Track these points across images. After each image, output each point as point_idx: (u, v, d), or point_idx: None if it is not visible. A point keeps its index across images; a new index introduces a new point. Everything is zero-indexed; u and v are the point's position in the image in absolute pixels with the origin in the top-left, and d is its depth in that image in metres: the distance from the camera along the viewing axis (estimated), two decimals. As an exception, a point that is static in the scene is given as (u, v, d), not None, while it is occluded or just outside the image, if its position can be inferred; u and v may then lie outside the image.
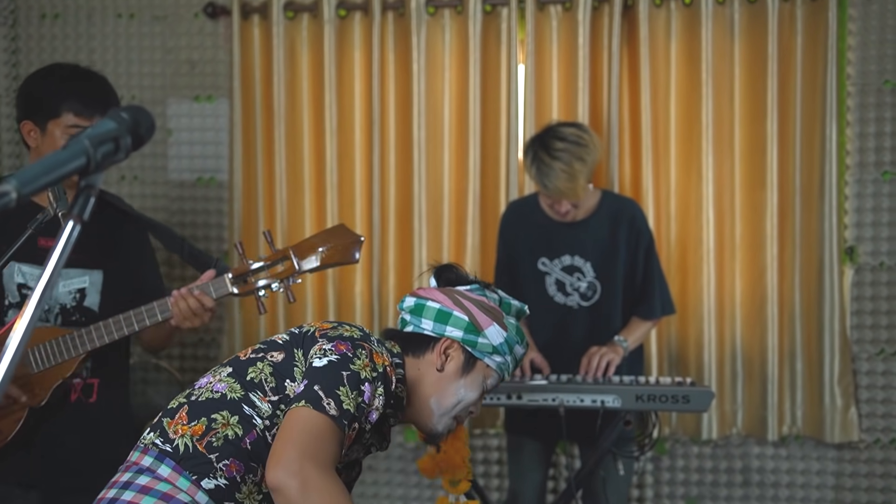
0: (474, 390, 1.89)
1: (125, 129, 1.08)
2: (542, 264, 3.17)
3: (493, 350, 1.88)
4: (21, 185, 0.90)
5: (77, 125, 2.48)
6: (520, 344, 1.93)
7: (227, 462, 1.69)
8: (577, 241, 3.13)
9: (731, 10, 3.73)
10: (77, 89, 2.54)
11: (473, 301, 1.90)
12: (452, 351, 1.88)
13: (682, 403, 2.76)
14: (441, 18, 3.90)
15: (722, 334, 3.78)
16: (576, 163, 2.92)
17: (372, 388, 1.72)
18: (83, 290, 2.61)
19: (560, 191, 2.95)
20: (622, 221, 3.14)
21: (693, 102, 3.76)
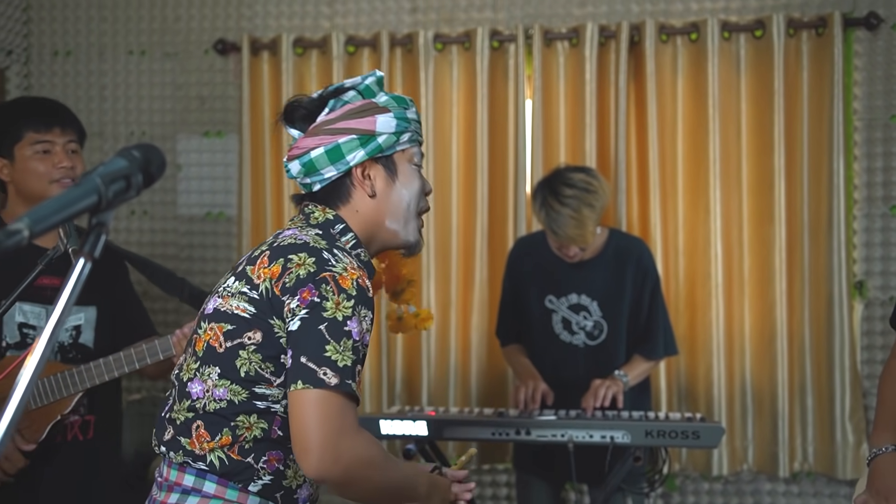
0: (413, 180, 1.85)
1: (136, 166, 1.09)
2: (548, 302, 3.16)
3: (394, 134, 1.80)
4: (33, 223, 0.90)
5: (40, 140, 2.53)
6: (406, 107, 1.84)
7: (265, 458, 1.67)
8: (583, 279, 3.12)
9: (737, 46, 3.75)
10: (29, 109, 2.65)
11: (342, 116, 1.78)
12: (369, 170, 1.80)
13: (693, 439, 2.73)
14: (449, 54, 3.93)
15: (731, 369, 3.76)
16: (584, 209, 2.93)
17: (357, 320, 1.62)
18: (79, 326, 2.61)
19: (569, 237, 2.96)
20: (629, 261, 3.13)
21: (700, 137, 3.77)
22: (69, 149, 2.58)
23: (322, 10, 4.05)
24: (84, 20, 4.23)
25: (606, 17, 3.87)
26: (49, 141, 2.54)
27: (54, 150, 2.54)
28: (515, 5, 3.94)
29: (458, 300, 3.90)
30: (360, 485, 1.64)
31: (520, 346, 3.25)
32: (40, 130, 2.54)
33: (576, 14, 3.90)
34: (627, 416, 2.86)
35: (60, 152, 2.55)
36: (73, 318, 2.60)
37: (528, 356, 3.20)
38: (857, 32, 3.71)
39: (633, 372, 3.09)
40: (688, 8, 3.84)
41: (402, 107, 1.83)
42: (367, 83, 1.83)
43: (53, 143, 2.54)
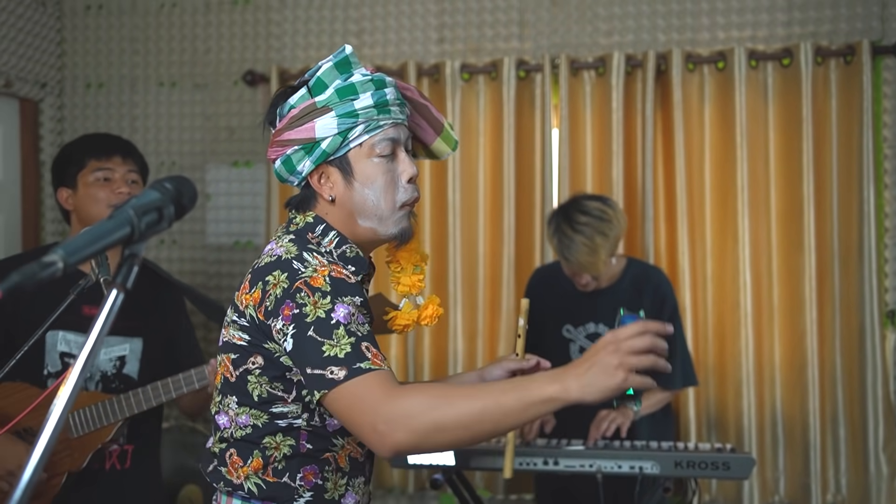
0: (375, 176, 1.72)
1: (169, 198, 1.10)
2: (566, 331, 3.15)
3: (339, 135, 1.69)
4: (67, 255, 0.92)
5: (101, 168, 2.62)
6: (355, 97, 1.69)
7: (300, 475, 1.68)
8: (601, 308, 3.11)
9: (765, 74, 3.75)
10: (93, 140, 2.76)
11: (286, 126, 1.72)
12: (322, 176, 1.73)
13: (723, 470, 2.70)
14: (476, 84, 3.95)
15: (762, 399, 3.72)
16: (598, 237, 2.91)
17: (340, 306, 1.57)
18: (123, 357, 2.65)
19: (580, 264, 2.94)
20: (646, 289, 3.11)
21: (728, 166, 3.76)
22: (129, 178, 2.67)
23: (350, 40, 4.09)
24: (116, 53, 4.31)
25: (633, 47, 3.88)
26: (109, 168, 2.63)
27: (114, 178, 2.63)
28: (542, 35, 3.97)
29: (484, 329, 3.90)
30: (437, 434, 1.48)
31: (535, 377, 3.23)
32: (101, 158, 2.63)
33: (602, 43, 3.92)
34: (657, 446, 2.83)
35: (120, 180, 2.63)
36: (118, 348, 2.63)
37: None
38: (885, 60, 3.69)
39: (646, 402, 3.06)
40: (714, 37, 3.84)
41: (349, 98, 1.69)
42: (318, 76, 1.71)
43: (113, 171, 2.63)
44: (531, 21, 3.98)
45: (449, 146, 1.90)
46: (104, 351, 2.61)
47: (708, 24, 3.84)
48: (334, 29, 4.11)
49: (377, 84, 1.71)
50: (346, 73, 1.71)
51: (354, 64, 1.73)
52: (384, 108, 1.71)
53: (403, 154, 1.75)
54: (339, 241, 1.74)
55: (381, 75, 1.74)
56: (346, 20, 4.11)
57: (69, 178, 2.65)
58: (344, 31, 4.10)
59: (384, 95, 1.71)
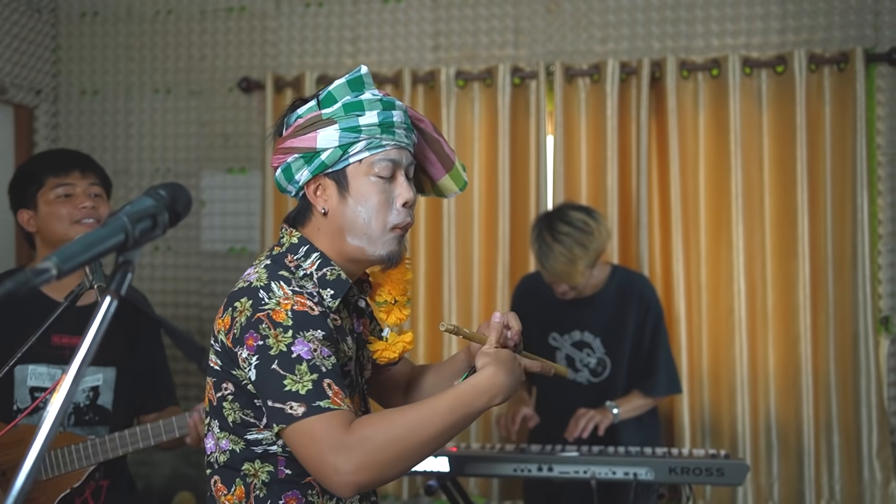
0: (370, 194, 1.69)
1: (163, 205, 1.11)
2: (552, 339, 3.16)
3: (340, 148, 1.68)
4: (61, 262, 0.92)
5: (61, 184, 2.53)
6: (360, 113, 1.68)
7: (282, 501, 1.67)
8: (586, 316, 3.12)
9: (759, 81, 3.76)
10: (49, 157, 2.67)
11: (291, 133, 1.73)
12: (319, 188, 1.72)
13: (717, 476, 2.70)
14: (470, 91, 3.96)
15: (756, 406, 3.72)
16: (576, 248, 2.92)
17: (302, 342, 1.57)
18: (97, 388, 2.54)
19: (556, 273, 2.95)
20: (632, 296, 3.12)
21: (722, 172, 3.77)
22: (91, 192, 2.57)
23: (345, 47, 4.10)
24: (111, 60, 4.31)
25: (627, 54, 3.89)
26: (69, 184, 2.53)
27: (75, 193, 2.53)
28: (537, 42, 3.98)
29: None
30: (393, 463, 1.52)
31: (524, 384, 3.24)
32: (59, 174, 2.54)
33: (597, 50, 3.93)
34: (651, 452, 2.83)
35: (81, 194, 2.54)
36: (91, 378, 2.53)
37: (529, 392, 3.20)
38: (879, 68, 3.71)
39: (626, 406, 3.07)
40: (709, 44, 3.85)
41: (355, 113, 1.69)
42: (329, 90, 1.72)
43: (74, 186, 2.54)
44: (526, 28, 3.99)
45: (457, 186, 1.87)
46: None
47: (702, 32, 3.86)
48: (329, 36, 4.12)
49: (385, 105, 1.70)
50: (358, 91, 1.71)
51: (368, 84, 1.72)
52: (389, 129, 1.70)
53: (403, 178, 1.73)
54: (321, 263, 1.72)
55: (392, 99, 1.73)
56: (341, 27, 4.11)
57: (29, 198, 2.55)
58: (339, 38, 4.11)
59: (390, 117, 1.70)
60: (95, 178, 2.60)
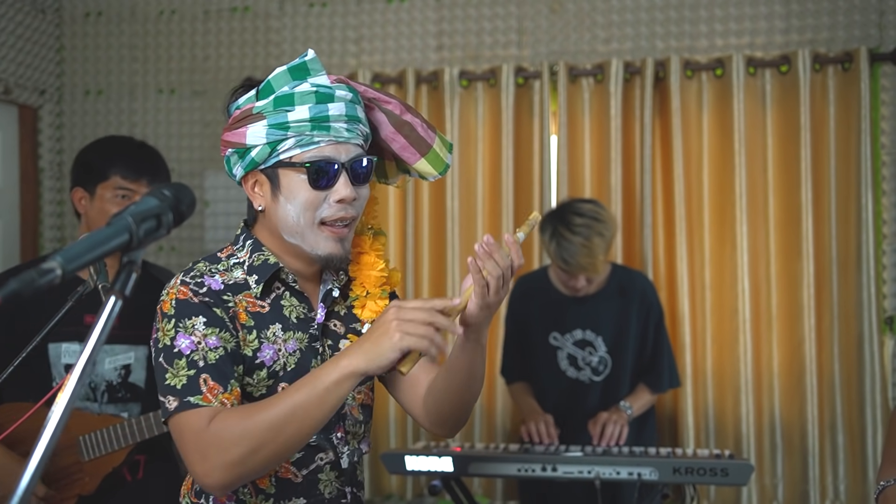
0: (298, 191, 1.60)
1: (167, 205, 1.10)
2: (553, 339, 3.15)
3: (268, 145, 1.59)
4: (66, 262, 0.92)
5: (124, 187, 2.52)
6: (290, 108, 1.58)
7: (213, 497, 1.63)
8: (588, 315, 3.12)
9: (763, 81, 3.76)
10: (125, 154, 2.59)
11: (229, 126, 1.65)
12: (256, 184, 1.65)
13: (721, 476, 2.70)
14: (474, 91, 3.96)
15: (760, 406, 3.72)
16: (595, 238, 2.92)
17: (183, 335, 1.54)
18: (128, 366, 2.58)
19: (580, 266, 2.94)
20: (634, 295, 3.12)
21: (726, 172, 3.76)
22: None
23: (349, 47, 4.10)
24: (115, 60, 4.31)
25: (631, 54, 3.89)
26: (133, 190, 2.52)
27: (134, 199, 2.49)
28: (540, 42, 3.97)
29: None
30: (249, 458, 1.44)
31: (525, 385, 3.24)
32: (128, 178, 2.52)
33: (600, 50, 3.92)
34: (655, 452, 2.83)
35: None
36: (123, 357, 2.56)
37: (534, 393, 3.19)
38: (883, 67, 3.70)
39: (638, 403, 3.08)
40: (713, 44, 3.85)
41: (284, 108, 1.58)
42: (269, 79, 1.61)
43: (135, 193, 2.52)
44: (530, 28, 3.99)
45: (435, 169, 1.75)
46: (109, 360, 2.55)
47: (706, 32, 3.85)
48: (333, 36, 4.12)
49: (320, 97, 1.58)
50: (299, 80, 1.60)
51: (313, 71, 1.61)
52: (321, 125, 1.58)
53: (343, 177, 1.60)
54: (252, 249, 1.68)
55: (332, 89, 1.60)
56: (344, 27, 4.12)
57: (89, 183, 2.55)
58: (343, 39, 4.11)
59: (324, 111, 1.58)
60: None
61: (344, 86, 1.62)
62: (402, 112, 1.71)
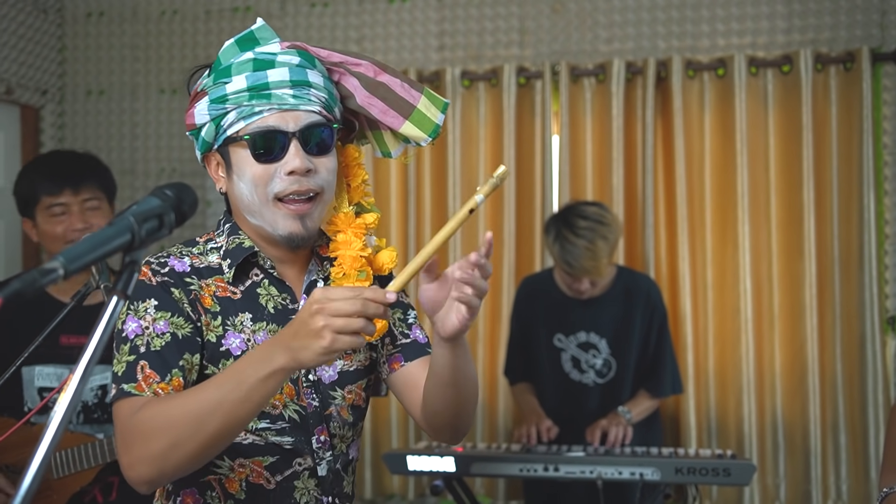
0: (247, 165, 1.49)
1: (169, 205, 1.10)
2: (557, 341, 3.15)
3: (213, 122, 1.50)
4: (68, 262, 0.92)
5: (53, 204, 2.49)
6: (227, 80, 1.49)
7: (180, 499, 1.54)
8: (592, 317, 3.11)
9: (765, 81, 3.75)
10: (42, 170, 2.56)
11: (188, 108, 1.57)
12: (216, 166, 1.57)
13: (724, 476, 2.70)
14: (476, 91, 3.96)
15: (762, 406, 3.72)
16: (599, 241, 2.92)
17: (132, 318, 1.45)
18: (105, 386, 2.52)
19: (584, 269, 2.94)
20: (638, 298, 3.11)
21: (728, 172, 3.76)
22: (86, 207, 2.51)
23: (350, 47, 4.10)
24: (117, 60, 4.31)
25: (633, 54, 3.89)
26: (62, 203, 2.49)
27: (70, 212, 2.49)
28: (542, 42, 3.97)
29: (485, 335, 3.90)
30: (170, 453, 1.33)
31: (528, 385, 3.24)
32: (52, 193, 2.49)
33: (602, 50, 3.92)
34: (657, 452, 2.83)
35: (76, 213, 2.49)
36: (99, 377, 2.50)
37: (537, 395, 3.18)
38: (885, 67, 3.70)
39: (637, 409, 3.07)
40: (714, 44, 3.85)
41: (223, 81, 1.49)
42: (219, 54, 1.51)
43: (68, 205, 2.49)
44: (531, 28, 3.99)
45: (423, 131, 1.57)
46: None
47: (708, 32, 3.85)
48: (335, 36, 4.12)
49: (258, 64, 1.48)
50: (247, 50, 1.50)
51: (262, 40, 1.51)
52: (261, 93, 1.47)
53: (293, 147, 1.48)
54: (229, 232, 1.58)
55: (273, 55, 1.49)
56: (346, 27, 4.12)
57: (27, 212, 2.54)
58: (345, 38, 4.11)
59: (263, 78, 1.47)
60: (90, 191, 2.53)
61: (293, 51, 1.50)
62: (375, 73, 1.56)
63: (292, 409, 1.53)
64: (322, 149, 1.51)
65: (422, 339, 1.68)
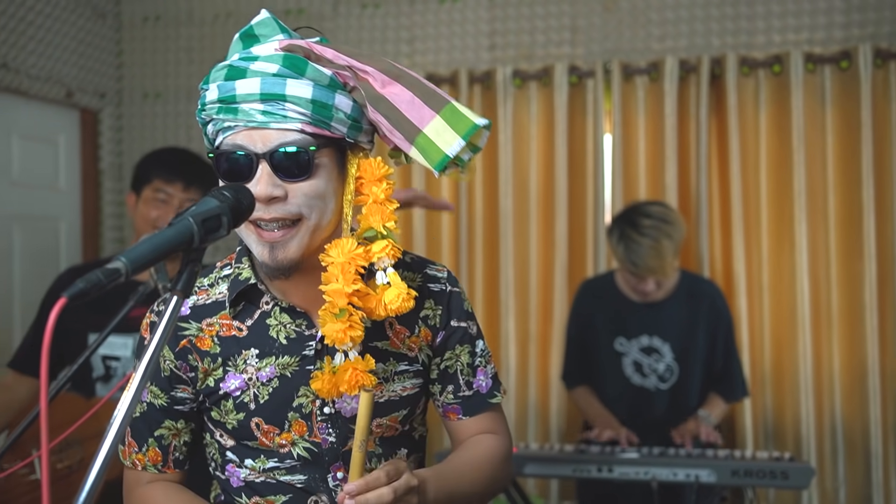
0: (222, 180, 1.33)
1: (227, 206, 1.12)
2: (619, 345, 3.10)
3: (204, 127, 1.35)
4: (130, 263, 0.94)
5: (161, 189, 2.63)
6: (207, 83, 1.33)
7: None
8: (655, 321, 3.06)
9: (822, 77, 3.69)
10: (164, 157, 2.74)
11: None
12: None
13: (781, 479, 2.66)
14: (527, 90, 3.95)
15: (821, 408, 3.65)
16: (664, 239, 2.88)
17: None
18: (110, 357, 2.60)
19: (649, 268, 2.90)
20: (702, 303, 3.05)
21: (784, 171, 3.70)
22: (186, 204, 2.63)
23: (402, 48, 4.11)
24: (173, 63, 4.38)
25: (686, 51, 3.85)
26: (169, 192, 2.63)
27: (171, 203, 2.62)
28: (594, 41, 3.95)
29: (537, 335, 3.88)
30: None
31: (589, 389, 3.19)
32: (163, 179, 2.64)
33: (655, 48, 3.89)
34: (713, 454, 2.79)
35: (175, 206, 2.62)
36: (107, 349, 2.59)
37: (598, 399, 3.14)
38: (947, 61, 3.61)
39: (716, 411, 3.01)
40: (770, 40, 3.79)
41: (204, 88, 1.33)
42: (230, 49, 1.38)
43: (172, 196, 2.63)
44: (583, 27, 3.96)
45: (428, 161, 1.30)
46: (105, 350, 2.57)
47: (763, 28, 3.79)
48: (386, 37, 4.14)
49: (230, 73, 1.30)
50: (248, 46, 1.36)
51: (262, 37, 1.36)
52: (229, 107, 1.29)
53: (260, 170, 1.28)
54: (238, 255, 1.47)
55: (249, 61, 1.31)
56: (397, 28, 4.13)
57: (137, 186, 2.70)
58: (396, 39, 4.12)
59: (231, 90, 1.28)
60: (197, 193, 2.67)
61: (278, 56, 1.31)
62: (383, 83, 1.32)
63: (301, 447, 1.41)
64: (297, 172, 1.29)
65: (484, 388, 1.54)
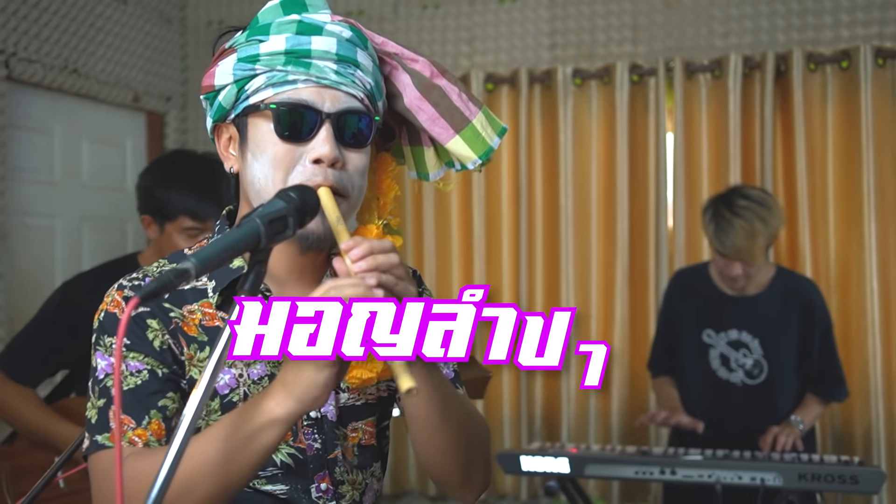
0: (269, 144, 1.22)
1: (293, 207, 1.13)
2: (706, 336, 3.03)
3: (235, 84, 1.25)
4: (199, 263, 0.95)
5: (193, 227, 2.45)
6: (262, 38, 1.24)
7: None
8: (746, 315, 2.98)
9: (893, 72, 3.60)
10: (190, 193, 2.46)
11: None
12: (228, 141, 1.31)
13: (851, 484, 2.59)
14: (588, 89, 3.92)
15: (891, 411, 3.57)
16: (757, 222, 2.80)
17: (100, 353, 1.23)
18: None
19: (736, 248, 2.81)
20: (797, 301, 2.96)
21: (853, 168, 3.62)
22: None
23: (462, 48, 4.12)
24: (236, 66, 4.44)
25: (751, 48, 3.79)
26: (200, 228, 2.45)
27: (204, 231, 2.45)
28: (655, 38, 3.91)
29: (598, 336, 3.86)
30: None
31: (670, 379, 3.14)
32: (196, 218, 2.45)
33: (718, 45, 3.83)
34: (779, 457, 2.73)
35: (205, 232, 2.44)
36: None
37: (679, 390, 3.08)
38: None
39: (809, 416, 2.90)
40: (838, 35, 3.71)
41: (257, 38, 1.25)
42: (258, 14, 1.28)
43: (204, 231, 2.44)
44: (644, 24, 3.93)
45: (474, 151, 1.32)
46: None
47: (831, 23, 3.71)
48: (446, 37, 4.15)
49: (303, 27, 1.23)
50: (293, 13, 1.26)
51: (311, 6, 1.27)
52: (300, 60, 1.22)
53: (325, 130, 1.22)
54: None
55: (321, 23, 1.24)
56: (457, 28, 4.14)
57: (157, 217, 2.48)
58: (456, 40, 4.13)
59: (306, 43, 1.22)
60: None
61: (348, 25, 1.26)
62: (432, 74, 1.33)
63: (285, 453, 1.28)
64: (358, 141, 1.25)
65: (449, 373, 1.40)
